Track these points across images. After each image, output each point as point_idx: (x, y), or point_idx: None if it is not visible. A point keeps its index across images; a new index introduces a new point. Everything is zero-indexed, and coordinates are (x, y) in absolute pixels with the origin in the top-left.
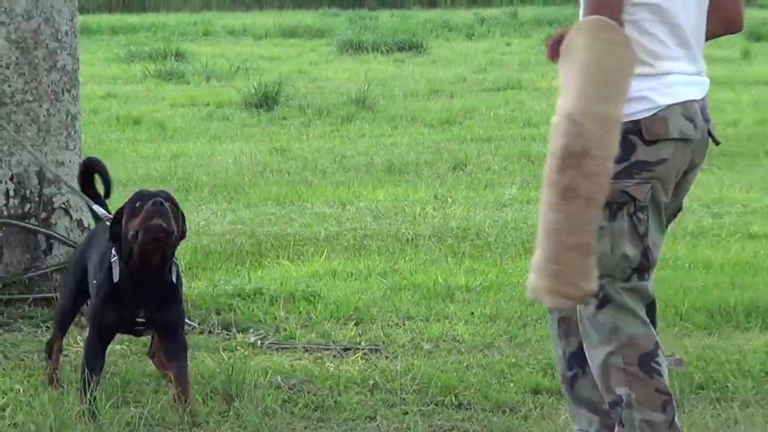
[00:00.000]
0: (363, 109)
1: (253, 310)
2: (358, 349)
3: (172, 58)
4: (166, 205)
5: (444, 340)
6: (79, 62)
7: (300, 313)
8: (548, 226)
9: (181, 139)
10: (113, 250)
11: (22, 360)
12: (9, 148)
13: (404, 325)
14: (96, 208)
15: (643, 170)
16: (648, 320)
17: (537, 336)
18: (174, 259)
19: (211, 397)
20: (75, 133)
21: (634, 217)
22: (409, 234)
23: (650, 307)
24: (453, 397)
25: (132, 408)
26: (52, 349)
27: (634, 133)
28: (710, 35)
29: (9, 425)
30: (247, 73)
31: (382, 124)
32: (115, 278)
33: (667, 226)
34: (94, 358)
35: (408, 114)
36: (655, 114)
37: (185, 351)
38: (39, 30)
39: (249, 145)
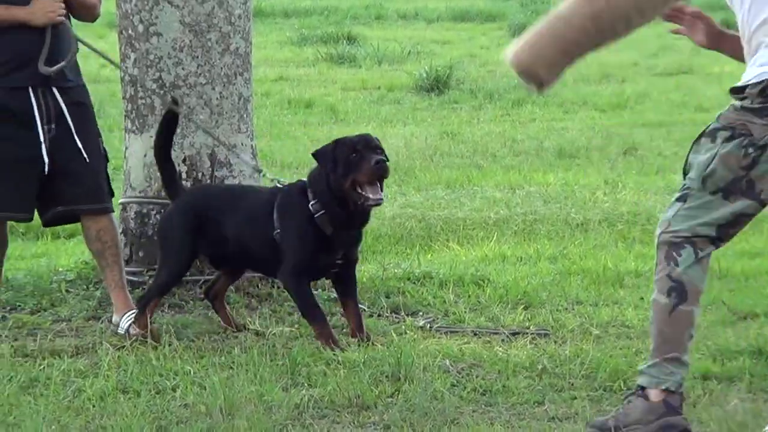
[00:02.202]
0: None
1: (422, 293)
2: (527, 333)
3: (344, 41)
4: (387, 164)
5: (613, 325)
6: (252, 45)
7: (469, 297)
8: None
9: (353, 123)
10: (311, 204)
11: (193, 341)
12: (182, 131)
13: (573, 309)
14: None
15: None
16: None
17: (706, 322)
18: None
19: (380, 380)
20: (247, 116)
21: (744, 149)
22: (578, 219)
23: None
24: (622, 383)
25: (301, 390)
26: (147, 307)
27: None
28: None
29: (180, 406)
30: (418, 57)
31: (553, 108)
32: (328, 231)
33: None
34: (314, 302)
35: (579, 98)
36: None
37: (356, 283)
38: (213, 13)
39: (420, 128)
